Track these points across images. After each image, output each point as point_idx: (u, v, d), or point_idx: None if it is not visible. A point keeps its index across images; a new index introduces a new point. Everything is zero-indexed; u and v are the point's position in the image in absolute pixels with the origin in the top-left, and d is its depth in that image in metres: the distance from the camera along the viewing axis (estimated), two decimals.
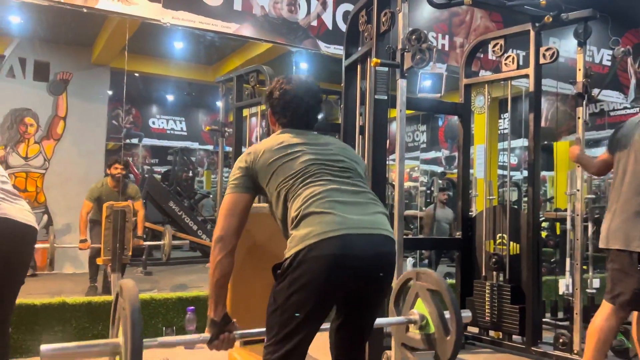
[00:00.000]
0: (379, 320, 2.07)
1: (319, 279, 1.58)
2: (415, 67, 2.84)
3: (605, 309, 2.65)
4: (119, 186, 5.39)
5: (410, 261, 6.12)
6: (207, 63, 8.09)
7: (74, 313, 3.40)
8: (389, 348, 2.98)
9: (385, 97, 3.08)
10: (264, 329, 1.73)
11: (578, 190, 3.52)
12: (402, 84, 2.92)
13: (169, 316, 3.64)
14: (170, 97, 11.11)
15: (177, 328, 3.60)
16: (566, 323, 3.71)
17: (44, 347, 1.52)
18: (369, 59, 3.18)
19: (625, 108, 8.74)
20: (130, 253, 5.13)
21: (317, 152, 1.79)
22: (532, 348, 3.55)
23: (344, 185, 1.73)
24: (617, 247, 2.64)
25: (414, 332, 2.09)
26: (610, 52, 6.13)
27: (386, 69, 3.04)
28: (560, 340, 3.44)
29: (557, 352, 3.45)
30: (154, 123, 11.17)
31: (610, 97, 6.68)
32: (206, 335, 1.72)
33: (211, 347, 1.72)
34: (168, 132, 11.22)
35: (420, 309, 2.05)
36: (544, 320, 3.91)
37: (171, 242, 5.87)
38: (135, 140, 10.65)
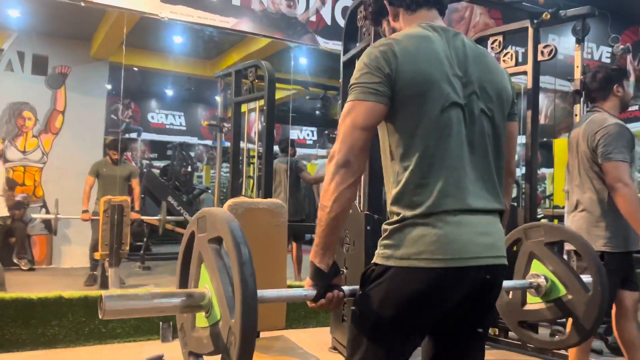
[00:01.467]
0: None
1: (422, 299, 1.27)
2: None
3: None
4: (117, 163, 5.84)
5: None
6: (205, 58, 8.07)
7: (71, 307, 3.40)
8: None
9: None
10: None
11: None
12: None
13: None
14: (169, 92, 11.10)
15: (175, 323, 3.60)
16: (563, 320, 3.72)
17: (106, 296, 1.16)
18: None
19: None
20: (127, 247, 5.16)
21: (464, 100, 1.32)
22: (529, 344, 3.56)
23: (479, 185, 1.33)
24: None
25: (535, 303, 1.75)
26: (610, 49, 6.13)
27: None
28: (556, 337, 3.44)
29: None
30: (152, 118, 11.15)
31: None
32: (310, 291, 1.32)
33: (316, 306, 1.33)
34: (167, 126, 11.21)
35: (538, 270, 1.72)
36: None
37: (166, 216, 6.33)
38: (134, 135, 10.66)
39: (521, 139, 4.37)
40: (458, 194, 1.29)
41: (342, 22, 4.87)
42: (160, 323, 3.58)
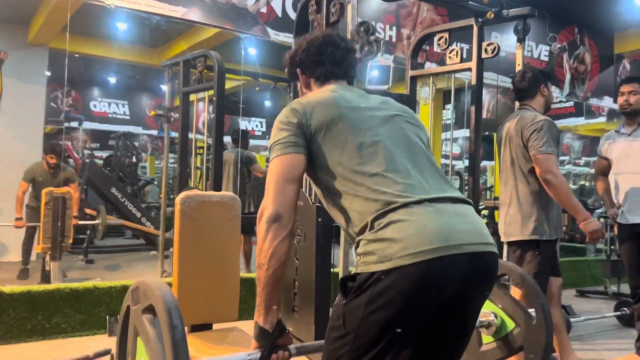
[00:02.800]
0: None
1: (411, 297, 1.20)
2: (364, 59, 2.89)
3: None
4: (54, 170, 5.58)
5: None
6: (152, 46, 7.88)
7: (12, 303, 3.28)
8: None
9: None
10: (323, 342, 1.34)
11: None
12: None
13: (112, 305, 3.57)
14: (112, 80, 10.77)
15: None
16: None
17: None
18: None
19: (560, 102, 9.18)
20: (70, 241, 5.02)
21: (386, 121, 1.42)
22: None
23: (432, 179, 1.35)
24: (514, 238, 2.84)
25: (489, 342, 1.77)
26: (548, 47, 6.42)
27: None
28: None
29: None
30: (95, 106, 10.77)
31: None
32: (254, 353, 1.32)
33: None
34: (110, 115, 10.86)
35: (488, 308, 1.74)
36: None
37: (105, 221, 6.17)
38: (75, 124, 10.28)
39: (465, 132, 4.53)
40: (422, 189, 1.30)
41: (293, 14, 4.87)
42: (107, 317, 3.52)
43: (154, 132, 11.51)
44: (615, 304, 4.41)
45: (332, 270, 3.30)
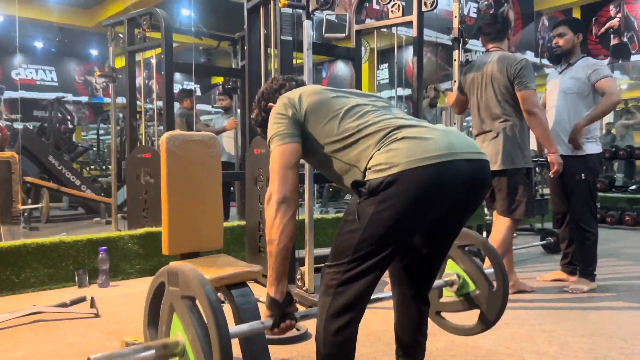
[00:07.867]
0: None
1: (417, 198, 1.38)
2: (320, 9, 3.07)
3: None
4: None
5: None
6: (83, 6, 7.64)
7: None
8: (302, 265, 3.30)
9: (291, 39, 3.29)
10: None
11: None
12: (307, 25, 3.14)
13: (79, 258, 3.64)
14: (39, 44, 10.28)
15: (89, 269, 3.63)
16: None
17: (94, 357, 1.28)
18: (272, 2, 3.36)
19: None
20: (19, 205, 4.96)
21: (364, 96, 1.69)
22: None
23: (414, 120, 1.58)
24: (506, 167, 3.15)
25: (449, 296, 1.97)
26: (476, 5, 6.81)
27: (291, 10, 3.24)
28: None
29: None
30: (19, 74, 10.27)
31: (476, 47, 7.44)
32: (268, 321, 1.54)
33: (271, 333, 1.56)
34: (38, 83, 10.39)
35: (452, 269, 1.95)
36: None
37: (49, 203, 6.27)
38: None
39: (399, 92, 4.80)
40: (417, 121, 1.56)
41: None
42: (75, 270, 3.59)
43: (84, 99, 11.12)
44: (540, 236, 4.95)
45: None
